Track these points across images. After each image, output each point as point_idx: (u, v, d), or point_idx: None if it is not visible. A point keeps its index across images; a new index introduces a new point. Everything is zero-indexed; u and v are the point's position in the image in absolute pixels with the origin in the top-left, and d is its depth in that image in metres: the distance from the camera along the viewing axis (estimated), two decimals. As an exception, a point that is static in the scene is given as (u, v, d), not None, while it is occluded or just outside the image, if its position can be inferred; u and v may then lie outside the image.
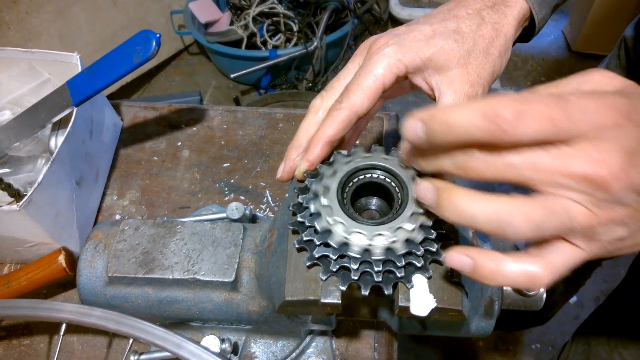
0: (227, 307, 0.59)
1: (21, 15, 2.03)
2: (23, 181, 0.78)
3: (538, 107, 0.31)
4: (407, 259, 0.44)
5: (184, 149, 0.90)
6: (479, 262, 0.36)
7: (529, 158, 0.32)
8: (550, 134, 0.31)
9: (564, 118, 0.31)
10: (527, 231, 0.33)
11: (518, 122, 0.31)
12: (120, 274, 0.57)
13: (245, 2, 2.61)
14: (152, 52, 0.66)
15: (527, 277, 0.35)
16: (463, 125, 0.32)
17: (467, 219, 0.35)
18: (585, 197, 0.32)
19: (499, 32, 0.50)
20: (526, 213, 0.33)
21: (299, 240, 0.46)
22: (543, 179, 0.32)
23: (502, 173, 0.33)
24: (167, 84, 2.82)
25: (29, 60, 0.81)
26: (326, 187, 0.46)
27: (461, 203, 0.35)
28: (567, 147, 0.32)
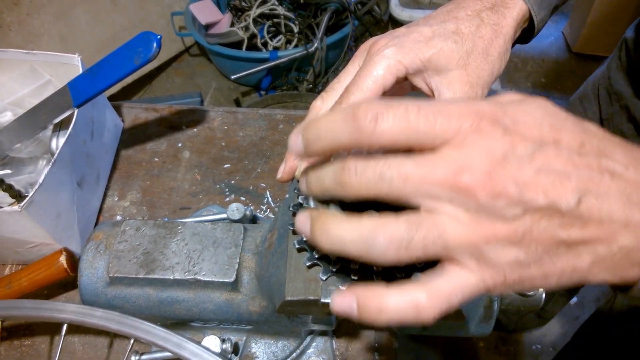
0: (228, 308, 0.59)
1: (22, 16, 2.03)
2: (24, 182, 0.79)
3: (397, 110, 0.30)
4: None
5: (185, 150, 0.90)
6: (362, 301, 0.33)
7: (396, 167, 0.30)
8: (410, 138, 0.30)
9: (423, 121, 0.30)
10: (393, 252, 0.31)
11: (375, 124, 0.30)
12: (121, 274, 0.57)
13: (246, 3, 2.62)
14: (153, 53, 0.66)
15: (414, 308, 0.31)
16: (329, 128, 0.32)
17: (338, 244, 0.33)
18: (456, 207, 0.30)
19: (498, 34, 0.50)
20: (391, 233, 0.30)
21: (299, 240, 0.46)
22: (413, 190, 0.30)
23: (375, 186, 0.31)
24: (168, 85, 2.83)
25: (30, 62, 0.81)
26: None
27: (331, 228, 0.33)
28: (432, 154, 0.30)
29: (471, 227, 0.30)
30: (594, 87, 0.94)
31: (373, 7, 2.64)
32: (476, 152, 0.29)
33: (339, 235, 0.33)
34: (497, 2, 0.52)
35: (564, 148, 0.30)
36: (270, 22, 2.54)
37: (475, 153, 0.29)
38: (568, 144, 0.30)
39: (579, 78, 0.97)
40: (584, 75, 1.00)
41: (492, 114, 0.30)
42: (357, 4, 2.56)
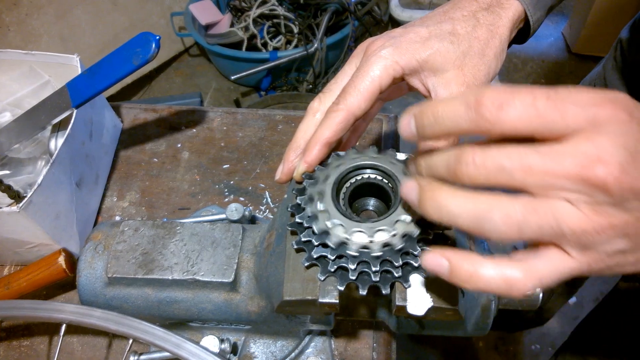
0: (227, 308, 0.59)
1: (21, 17, 2.03)
2: (23, 182, 0.79)
3: (524, 97, 0.29)
4: (404, 259, 0.44)
5: (184, 150, 0.91)
6: (456, 264, 0.35)
7: (519, 159, 0.30)
8: (538, 127, 0.29)
9: (552, 109, 0.29)
10: (507, 230, 0.31)
11: (500, 111, 0.29)
12: (120, 274, 0.57)
13: (246, 4, 2.62)
14: (151, 54, 0.66)
15: (506, 283, 0.33)
16: (448, 115, 0.32)
17: (448, 216, 0.33)
18: (581, 198, 0.30)
19: (494, 34, 0.51)
20: (507, 212, 0.31)
21: (297, 241, 0.46)
22: (536, 182, 0.30)
23: (494, 177, 0.31)
24: (168, 85, 2.83)
25: (29, 62, 0.81)
26: (320, 191, 0.47)
27: (442, 200, 0.34)
28: (560, 145, 0.29)
29: (591, 217, 0.30)
30: (590, 86, 0.95)
31: (373, 7, 2.64)
32: (611, 144, 0.28)
33: (450, 208, 0.33)
34: (493, 2, 0.52)
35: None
36: (270, 22, 2.54)
37: (610, 145, 0.28)
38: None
39: (579, 79, 0.98)
40: (584, 75, 1.00)
41: (627, 105, 0.29)
42: (357, 5, 2.56)
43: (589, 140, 0.29)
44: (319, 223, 0.45)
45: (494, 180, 0.31)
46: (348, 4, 2.48)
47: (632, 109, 0.29)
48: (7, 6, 1.97)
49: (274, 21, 2.54)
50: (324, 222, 0.44)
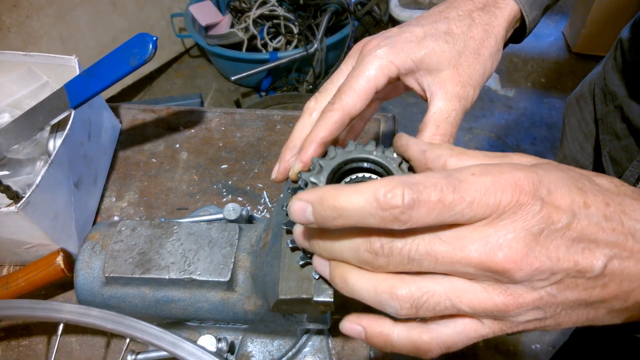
0: (223, 307, 0.59)
1: (21, 18, 2.04)
2: (22, 183, 0.79)
3: (432, 194, 0.30)
4: None
5: (183, 150, 0.91)
6: (371, 331, 0.36)
7: (425, 250, 0.31)
8: (448, 218, 0.30)
9: (458, 201, 0.30)
10: (403, 310, 0.32)
11: (412, 211, 0.29)
12: (117, 274, 0.57)
13: (246, 4, 2.62)
14: (149, 55, 0.66)
15: (415, 347, 0.34)
16: (355, 210, 0.31)
17: (352, 292, 0.35)
18: (487, 282, 0.31)
19: (490, 33, 0.51)
20: (404, 293, 0.32)
21: (292, 239, 0.47)
22: (444, 269, 0.31)
23: (404, 266, 0.32)
24: (168, 86, 2.83)
25: (28, 64, 0.82)
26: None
27: (349, 278, 0.35)
28: (465, 231, 0.30)
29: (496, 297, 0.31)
30: (590, 86, 0.94)
31: (373, 7, 2.64)
32: (513, 230, 0.29)
33: (356, 288, 0.35)
34: (489, 2, 0.52)
35: (593, 213, 0.30)
36: (270, 23, 2.55)
37: (512, 231, 0.29)
38: (596, 208, 0.31)
39: (579, 78, 0.98)
40: (584, 75, 1.00)
41: (530, 186, 0.30)
42: (357, 5, 2.56)
43: (492, 226, 0.30)
44: None
45: (405, 268, 0.32)
46: (348, 4, 2.48)
47: (535, 187, 0.30)
48: (8, 8, 1.98)
49: (274, 22, 2.55)
50: None
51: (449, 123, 0.49)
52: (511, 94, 2.87)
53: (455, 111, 0.49)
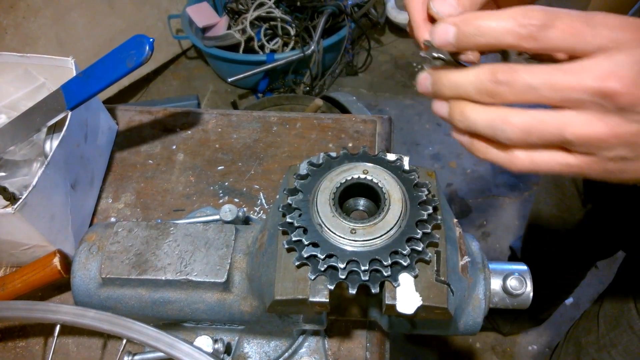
0: (220, 308, 0.59)
1: (18, 20, 2.04)
2: (18, 184, 0.79)
3: (565, 19, 0.34)
4: (394, 258, 0.45)
5: (179, 152, 0.91)
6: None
7: (544, 77, 0.35)
8: (573, 44, 0.34)
9: (587, 30, 0.33)
10: (514, 136, 0.37)
11: (546, 31, 0.34)
12: (113, 275, 0.58)
13: (243, 6, 2.62)
14: (145, 56, 0.67)
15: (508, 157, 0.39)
16: (495, 29, 0.35)
17: (469, 124, 0.39)
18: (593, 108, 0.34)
19: None
20: (516, 121, 0.36)
21: (288, 240, 0.47)
22: (560, 97, 0.35)
23: (523, 95, 0.36)
24: (165, 88, 2.83)
25: (24, 65, 0.82)
26: (314, 191, 0.48)
27: (467, 112, 0.39)
28: (583, 62, 0.34)
29: (596, 125, 0.34)
30: None
31: (369, 9, 2.65)
32: (627, 61, 0.33)
33: (473, 119, 0.39)
34: None
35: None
36: (267, 25, 2.55)
37: (626, 61, 0.33)
38: None
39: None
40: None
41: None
42: (353, 7, 2.56)
43: (608, 57, 0.33)
44: (311, 221, 0.46)
45: (523, 97, 0.36)
46: (345, 6, 2.48)
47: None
48: (4, 9, 1.98)
49: (271, 24, 2.55)
50: (316, 220, 0.46)
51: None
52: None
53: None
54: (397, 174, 0.49)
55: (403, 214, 0.46)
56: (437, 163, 2.51)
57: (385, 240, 0.45)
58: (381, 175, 0.49)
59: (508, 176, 2.53)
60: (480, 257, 0.60)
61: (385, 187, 0.48)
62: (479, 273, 0.58)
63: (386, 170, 0.49)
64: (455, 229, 0.56)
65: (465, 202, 2.43)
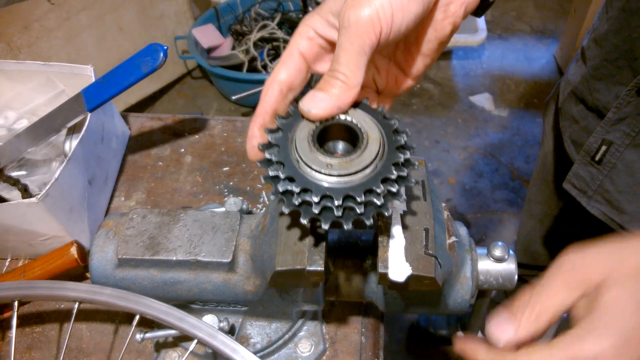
0: (225, 287, 0.65)
1: (32, 39, 2.13)
2: (38, 182, 0.85)
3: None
4: (368, 197, 0.44)
5: (187, 154, 0.97)
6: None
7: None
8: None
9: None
10: None
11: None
12: (129, 256, 0.63)
13: (247, 28, 2.73)
14: (159, 62, 0.74)
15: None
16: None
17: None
18: None
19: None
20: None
21: (265, 176, 0.46)
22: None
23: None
24: (171, 106, 2.92)
25: (46, 73, 0.89)
26: (294, 129, 0.48)
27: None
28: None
29: None
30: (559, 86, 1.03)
31: (368, 31, 2.74)
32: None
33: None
34: None
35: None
36: (270, 45, 2.65)
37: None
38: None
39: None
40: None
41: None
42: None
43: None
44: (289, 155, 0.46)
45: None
46: (345, 27, 2.58)
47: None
48: (19, 30, 2.07)
49: (274, 44, 2.65)
50: (295, 155, 0.45)
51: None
52: (505, 114, 2.96)
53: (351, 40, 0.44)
54: (377, 119, 0.49)
55: (380, 154, 0.46)
56: (436, 179, 2.57)
57: (360, 178, 0.45)
58: (361, 117, 0.48)
59: (507, 192, 2.59)
60: (468, 240, 0.65)
61: (364, 128, 0.47)
62: (465, 254, 0.64)
63: (367, 114, 0.49)
64: (443, 212, 0.61)
65: (464, 218, 2.48)
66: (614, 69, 0.80)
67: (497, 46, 3.36)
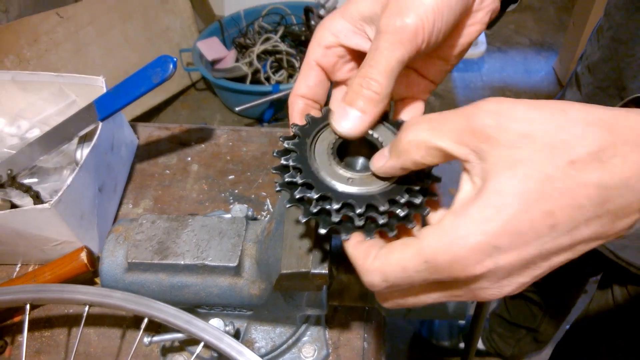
0: (231, 291, 0.67)
1: (41, 52, 2.18)
2: (49, 189, 0.88)
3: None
4: (391, 206, 0.42)
5: (193, 163, 1.00)
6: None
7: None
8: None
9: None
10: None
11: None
12: (138, 260, 0.65)
13: (250, 40, 2.77)
14: (169, 73, 0.76)
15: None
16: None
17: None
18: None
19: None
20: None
21: (280, 182, 0.44)
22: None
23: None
24: (175, 117, 2.95)
25: (59, 84, 0.92)
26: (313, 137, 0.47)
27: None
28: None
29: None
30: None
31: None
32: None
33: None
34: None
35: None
36: (273, 57, 2.69)
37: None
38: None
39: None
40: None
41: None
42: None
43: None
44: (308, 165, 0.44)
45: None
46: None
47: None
48: (29, 42, 2.11)
49: (277, 57, 2.69)
50: (313, 165, 0.44)
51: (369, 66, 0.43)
52: (505, 126, 2.98)
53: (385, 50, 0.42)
54: (397, 132, 0.46)
55: None
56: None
57: (382, 188, 0.43)
58: (382, 130, 0.47)
59: (507, 203, 2.59)
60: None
61: (385, 143, 0.45)
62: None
63: (389, 128, 0.47)
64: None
65: (464, 228, 2.49)
66: (606, 96, 0.82)
67: (497, 58, 3.40)
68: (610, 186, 0.32)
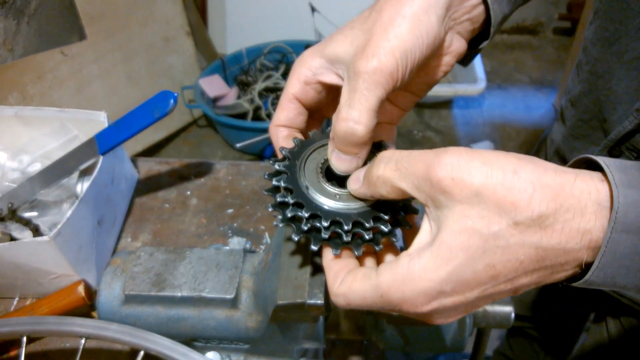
0: (228, 324, 0.66)
1: (44, 89, 2.21)
2: (49, 223, 0.88)
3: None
4: (376, 223, 0.46)
5: (193, 197, 1.01)
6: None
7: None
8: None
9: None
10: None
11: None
12: (135, 292, 0.65)
13: (252, 78, 2.83)
14: (170, 108, 0.78)
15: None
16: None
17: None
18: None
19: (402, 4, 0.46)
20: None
21: (273, 204, 0.48)
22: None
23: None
24: (176, 154, 2.98)
25: (61, 119, 0.93)
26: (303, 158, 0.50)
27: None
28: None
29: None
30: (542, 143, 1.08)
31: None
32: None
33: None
34: None
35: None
36: (274, 95, 2.74)
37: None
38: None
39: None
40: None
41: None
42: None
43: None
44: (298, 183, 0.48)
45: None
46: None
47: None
48: (33, 80, 2.16)
49: (278, 94, 2.74)
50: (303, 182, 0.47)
51: (346, 105, 0.46)
52: (504, 161, 3.00)
53: (358, 89, 0.45)
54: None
55: None
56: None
57: (366, 206, 0.47)
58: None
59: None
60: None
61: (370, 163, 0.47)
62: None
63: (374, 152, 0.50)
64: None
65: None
66: (588, 128, 0.83)
67: (497, 95, 3.45)
68: (547, 248, 0.37)
